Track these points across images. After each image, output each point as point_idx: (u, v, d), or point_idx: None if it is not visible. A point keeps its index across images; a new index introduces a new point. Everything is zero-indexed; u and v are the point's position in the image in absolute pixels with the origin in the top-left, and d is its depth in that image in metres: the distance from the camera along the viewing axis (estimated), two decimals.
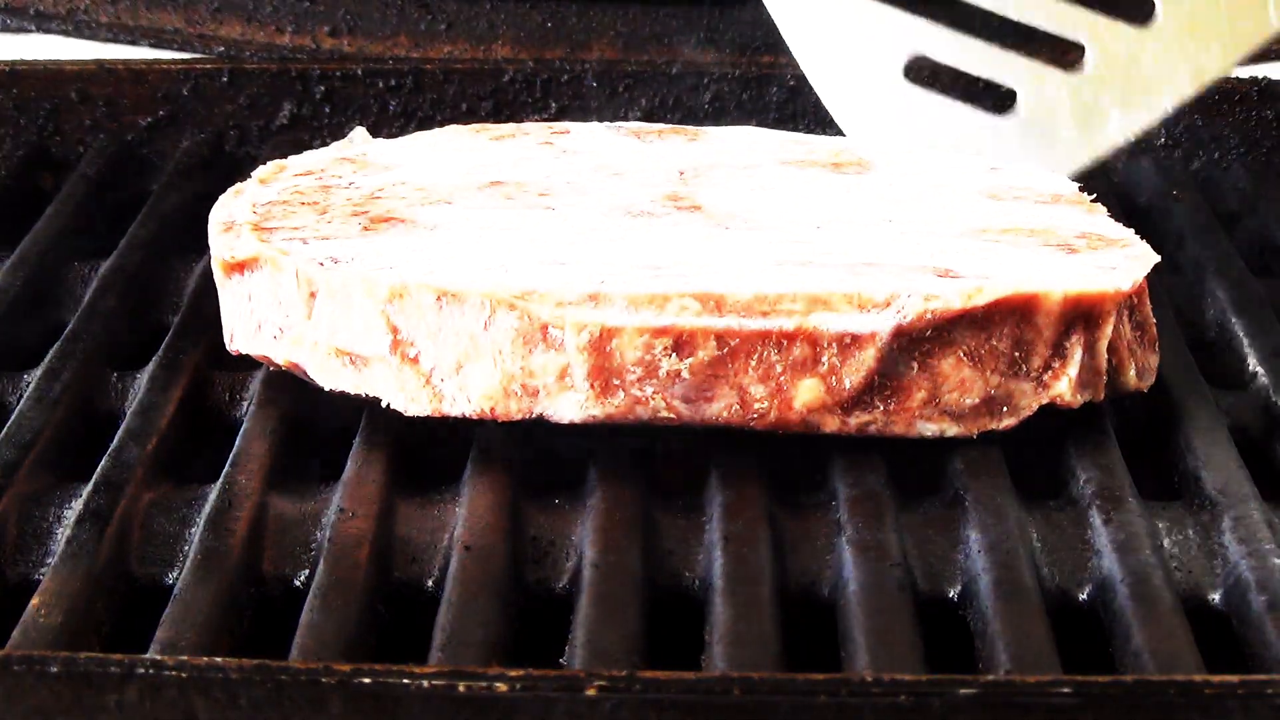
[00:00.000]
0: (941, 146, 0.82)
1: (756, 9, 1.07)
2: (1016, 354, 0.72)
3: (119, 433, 0.74)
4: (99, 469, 0.71)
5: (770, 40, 1.07)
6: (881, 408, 0.71)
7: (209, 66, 1.06)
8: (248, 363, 0.78)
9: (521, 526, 0.69)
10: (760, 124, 1.04)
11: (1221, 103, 1.05)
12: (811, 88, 1.05)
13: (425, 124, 1.05)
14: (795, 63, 1.07)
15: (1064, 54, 0.84)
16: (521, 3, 1.08)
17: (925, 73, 0.91)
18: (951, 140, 0.75)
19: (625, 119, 1.05)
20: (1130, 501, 0.70)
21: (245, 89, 1.06)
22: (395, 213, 0.79)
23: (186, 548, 0.68)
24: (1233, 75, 1.06)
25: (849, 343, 0.70)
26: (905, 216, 0.79)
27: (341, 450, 0.74)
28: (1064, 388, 0.72)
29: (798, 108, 1.05)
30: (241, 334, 0.77)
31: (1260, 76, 1.05)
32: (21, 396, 0.77)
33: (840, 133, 0.93)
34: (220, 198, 0.81)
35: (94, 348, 0.81)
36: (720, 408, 0.70)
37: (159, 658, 0.58)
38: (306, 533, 0.69)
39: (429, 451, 0.75)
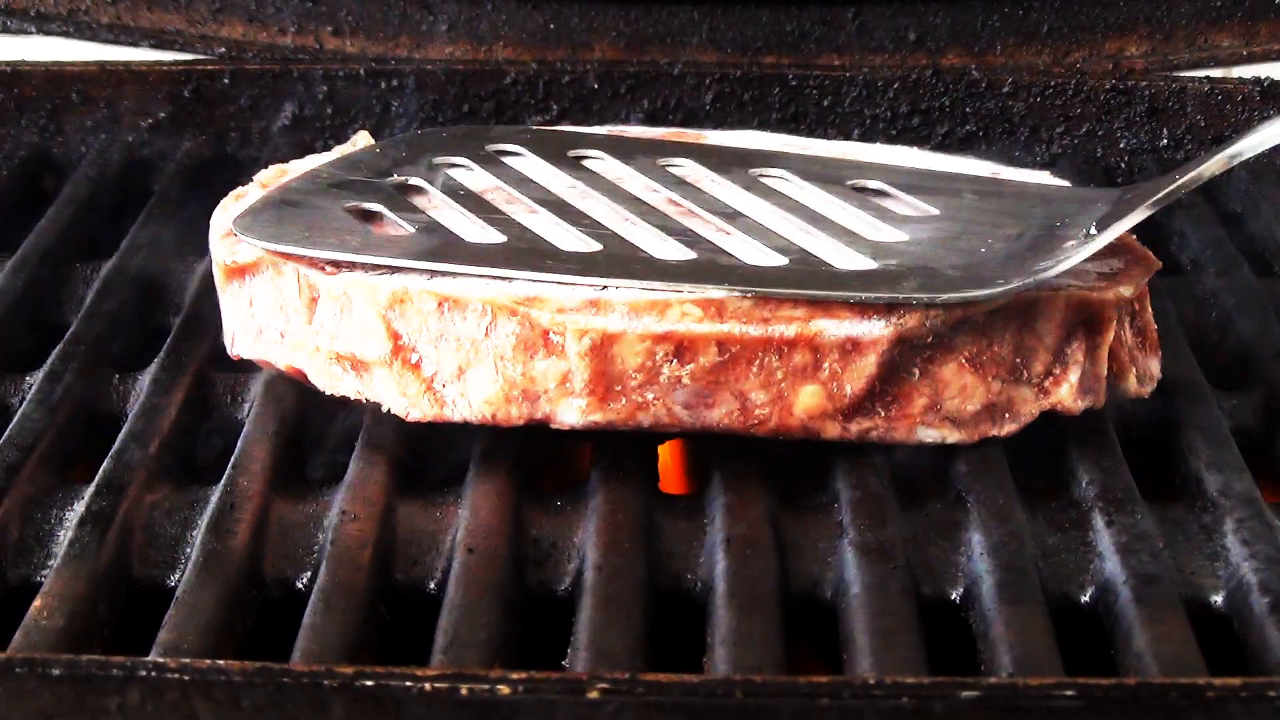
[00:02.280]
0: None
1: (757, 9, 1.07)
2: (1018, 360, 0.72)
3: (121, 435, 0.74)
4: (101, 471, 0.71)
5: (771, 40, 1.07)
6: (883, 414, 0.71)
7: (210, 67, 1.06)
8: (249, 365, 0.78)
9: (524, 529, 0.69)
10: (762, 125, 1.04)
11: (1223, 103, 1.05)
12: (813, 88, 1.06)
13: (427, 125, 1.05)
14: (795, 63, 1.07)
15: None
16: (523, 4, 1.08)
17: None
18: None
19: (627, 120, 1.05)
20: (1132, 504, 0.70)
21: (247, 90, 1.06)
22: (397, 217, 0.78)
23: (188, 550, 0.68)
24: (1233, 75, 1.07)
25: (850, 349, 0.70)
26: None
27: (343, 452, 0.74)
28: (1065, 394, 0.72)
29: (799, 109, 1.05)
30: (242, 339, 0.77)
31: (1261, 77, 1.05)
32: (24, 398, 0.77)
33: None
34: (221, 202, 0.81)
35: (96, 349, 0.81)
36: (721, 414, 0.70)
37: (161, 660, 0.58)
38: (308, 535, 0.69)
39: (431, 454, 0.75)
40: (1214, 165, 0.71)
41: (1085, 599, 0.67)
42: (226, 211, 0.80)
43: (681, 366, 0.70)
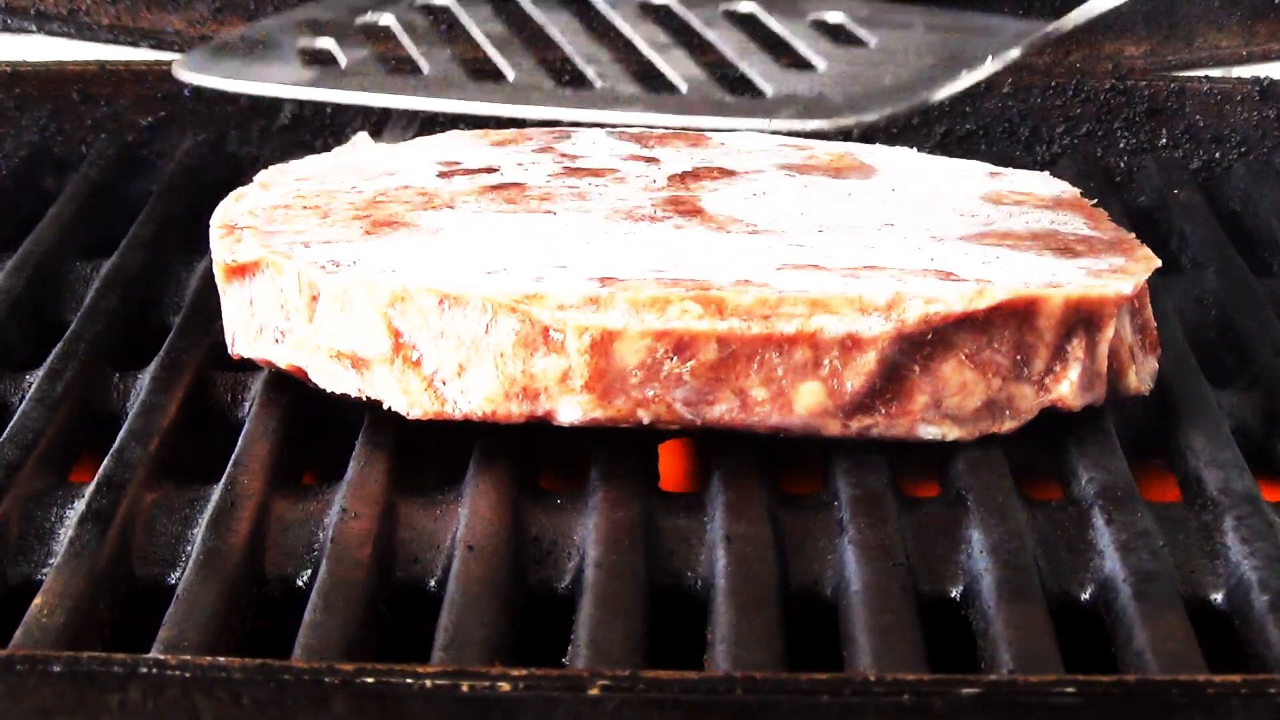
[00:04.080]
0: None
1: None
2: (1018, 357, 0.72)
3: (121, 433, 0.74)
4: (101, 469, 0.71)
5: None
6: (883, 411, 0.71)
7: None
8: (249, 363, 0.78)
9: (524, 526, 0.69)
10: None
11: (1223, 103, 1.05)
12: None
13: (427, 125, 1.05)
14: None
15: None
16: None
17: None
18: None
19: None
20: (1132, 502, 0.70)
21: None
22: (397, 217, 0.79)
23: (189, 548, 0.68)
24: (1232, 75, 1.07)
25: (850, 346, 0.70)
26: (906, 220, 0.79)
27: (344, 450, 0.74)
28: (1065, 391, 0.72)
29: None
30: (243, 338, 0.77)
31: (1261, 76, 1.06)
32: (24, 397, 0.77)
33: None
34: (222, 202, 0.81)
35: (96, 348, 0.81)
36: (722, 411, 0.71)
37: (162, 657, 0.58)
38: (309, 533, 0.69)
39: (431, 451, 0.75)
40: None
41: (1085, 596, 0.67)
42: (226, 212, 0.80)
43: (682, 363, 0.70)
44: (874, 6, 0.82)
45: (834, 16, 0.80)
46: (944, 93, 0.70)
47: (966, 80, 0.70)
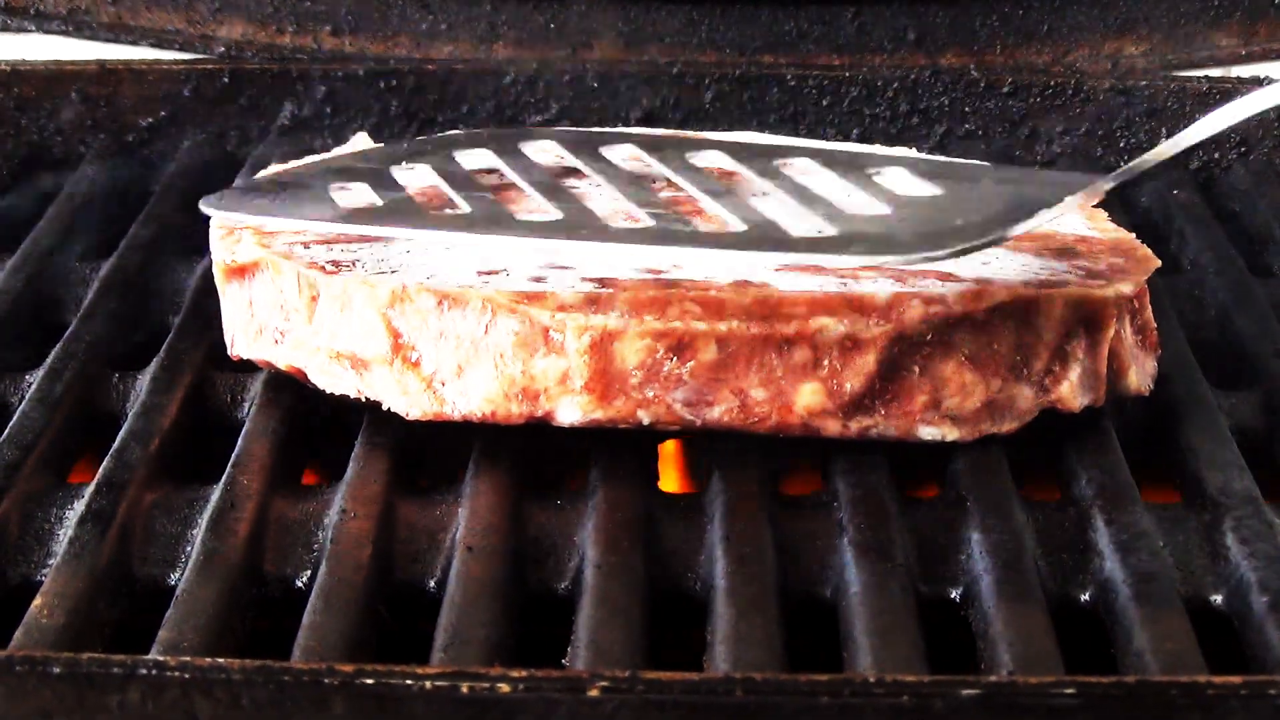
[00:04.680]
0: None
1: (756, 9, 1.07)
2: (1017, 358, 0.72)
3: (121, 433, 0.74)
4: (101, 470, 0.71)
5: (770, 40, 1.07)
6: (882, 411, 0.71)
7: (210, 67, 1.06)
8: (249, 364, 0.78)
9: (523, 527, 0.69)
10: (761, 125, 1.04)
11: (1222, 102, 1.04)
12: (812, 88, 1.06)
13: (426, 125, 1.05)
14: (794, 63, 1.07)
15: None
16: (523, 3, 1.08)
17: None
18: None
19: (626, 120, 1.05)
20: (1132, 502, 0.70)
21: (246, 89, 1.06)
22: None
23: (188, 548, 0.68)
24: (1232, 75, 1.07)
25: (850, 346, 0.70)
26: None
27: (343, 450, 0.74)
28: (1065, 391, 0.72)
29: (799, 109, 1.05)
30: (242, 339, 0.77)
31: (1261, 76, 1.06)
32: (23, 397, 0.77)
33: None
34: None
35: (95, 348, 0.81)
36: (721, 411, 0.71)
37: (161, 658, 0.58)
38: (308, 533, 0.69)
39: (430, 452, 0.75)
40: (1179, 143, 0.73)
41: (1085, 597, 0.67)
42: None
43: (682, 364, 0.70)
44: (938, 163, 0.79)
45: (898, 172, 0.78)
46: (1020, 229, 0.68)
47: (1043, 217, 0.69)
